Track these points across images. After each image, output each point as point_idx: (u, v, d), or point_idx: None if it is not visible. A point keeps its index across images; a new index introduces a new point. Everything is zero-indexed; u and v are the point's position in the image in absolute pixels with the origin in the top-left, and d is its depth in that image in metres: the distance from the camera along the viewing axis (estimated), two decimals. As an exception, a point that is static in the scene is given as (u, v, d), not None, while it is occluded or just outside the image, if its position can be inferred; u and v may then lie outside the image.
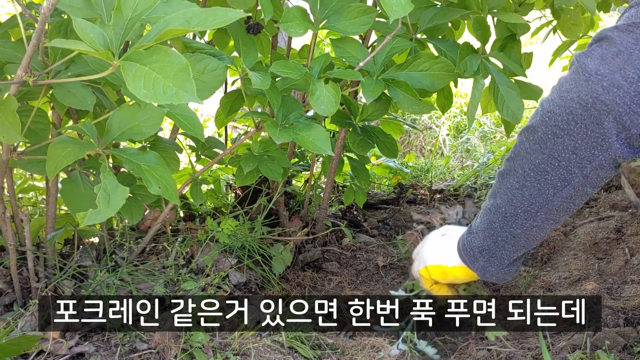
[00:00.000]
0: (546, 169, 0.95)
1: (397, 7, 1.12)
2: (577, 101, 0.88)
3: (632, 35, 0.83)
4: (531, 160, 0.96)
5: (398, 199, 2.24)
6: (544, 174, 0.96)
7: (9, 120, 0.91)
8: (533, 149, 0.96)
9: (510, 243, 1.06)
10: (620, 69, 0.83)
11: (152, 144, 1.35)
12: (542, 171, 0.96)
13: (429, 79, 1.31)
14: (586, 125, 0.88)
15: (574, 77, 0.89)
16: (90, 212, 0.91)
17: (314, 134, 1.16)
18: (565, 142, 0.91)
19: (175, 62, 0.75)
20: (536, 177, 0.97)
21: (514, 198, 1.01)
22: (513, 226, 1.03)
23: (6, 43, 1.08)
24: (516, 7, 1.49)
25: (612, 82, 0.84)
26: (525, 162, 0.98)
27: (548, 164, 0.95)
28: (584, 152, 0.91)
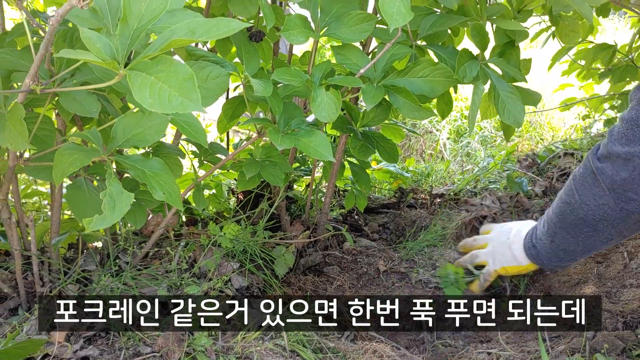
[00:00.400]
0: (594, 235, 1.32)
1: (397, 15, 1.13)
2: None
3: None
4: (580, 229, 1.33)
5: (399, 203, 2.25)
6: (593, 237, 1.32)
7: (17, 128, 0.92)
8: (580, 222, 1.32)
9: (575, 259, 1.43)
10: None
11: (155, 149, 1.36)
12: (590, 236, 1.32)
13: (428, 85, 1.33)
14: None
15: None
16: (96, 218, 0.92)
17: (315, 140, 1.18)
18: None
19: (180, 72, 0.76)
20: (586, 239, 1.34)
21: (571, 245, 1.37)
22: (575, 255, 1.40)
23: (13, 51, 1.09)
24: (515, 13, 1.50)
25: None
26: (575, 227, 1.34)
27: (595, 234, 1.31)
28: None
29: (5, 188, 1.16)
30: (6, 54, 1.07)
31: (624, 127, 1.18)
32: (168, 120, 1.03)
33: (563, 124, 4.36)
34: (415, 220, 2.07)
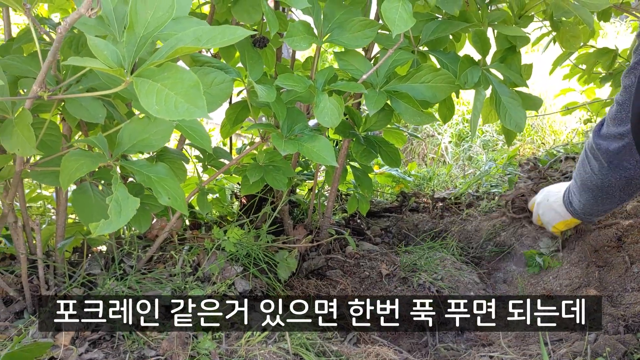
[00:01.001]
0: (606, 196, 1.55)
1: (399, 22, 1.15)
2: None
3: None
4: (594, 191, 1.56)
5: (401, 207, 2.26)
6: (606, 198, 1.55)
7: (24, 133, 0.94)
8: (594, 187, 1.55)
9: (605, 212, 1.68)
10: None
11: (159, 154, 1.38)
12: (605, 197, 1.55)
13: (430, 91, 1.34)
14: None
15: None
16: (102, 222, 0.93)
17: (318, 145, 1.19)
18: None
19: (186, 79, 0.77)
20: (602, 200, 1.56)
21: (594, 205, 1.61)
22: (601, 212, 1.66)
23: (19, 58, 1.11)
24: (516, 19, 1.51)
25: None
26: (591, 190, 1.56)
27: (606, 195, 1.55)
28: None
29: (12, 193, 1.17)
30: (13, 61, 1.09)
31: (616, 110, 1.38)
32: (173, 126, 1.04)
33: (565, 127, 4.37)
34: (418, 224, 2.08)
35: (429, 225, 2.07)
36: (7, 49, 1.22)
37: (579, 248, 1.80)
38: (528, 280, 1.78)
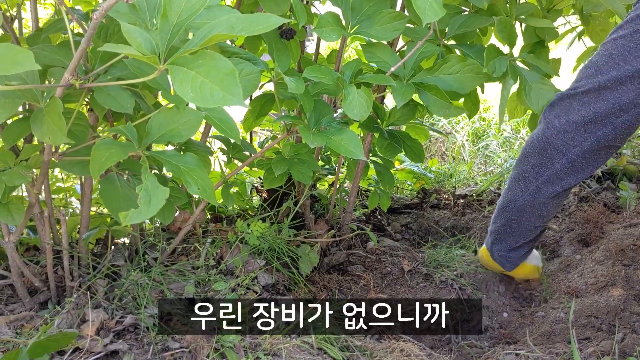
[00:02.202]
0: (519, 177, 1.45)
1: (429, 11, 1.13)
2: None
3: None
4: (514, 172, 1.47)
5: (421, 203, 2.24)
6: (516, 180, 1.46)
7: (55, 122, 0.93)
8: (517, 164, 1.46)
9: (510, 230, 1.53)
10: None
11: (184, 146, 1.37)
12: (514, 179, 1.47)
13: (458, 82, 1.32)
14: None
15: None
16: (132, 212, 0.93)
17: (346, 138, 1.18)
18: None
19: (221, 67, 0.77)
20: (514, 184, 1.47)
21: (504, 197, 1.52)
22: (500, 218, 1.53)
23: (49, 47, 1.11)
24: (545, 13, 1.49)
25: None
26: (513, 172, 1.49)
27: (520, 177, 1.45)
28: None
29: (40, 182, 1.17)
30: (43, 50, 1.08)
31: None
32: (202, 117, 1.03)
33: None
34: (439, 220, 2.06)
35: (450, 222, 2.05)
36: (36, 38, 1.22)
37: (604, 247, 1.78)
38: (552, 278, 1.75)
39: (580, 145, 1.32)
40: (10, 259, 1.29)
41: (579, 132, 1.31)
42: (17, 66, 0.70)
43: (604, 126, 1.29)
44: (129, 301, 1.32)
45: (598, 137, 1.30)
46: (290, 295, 1.47)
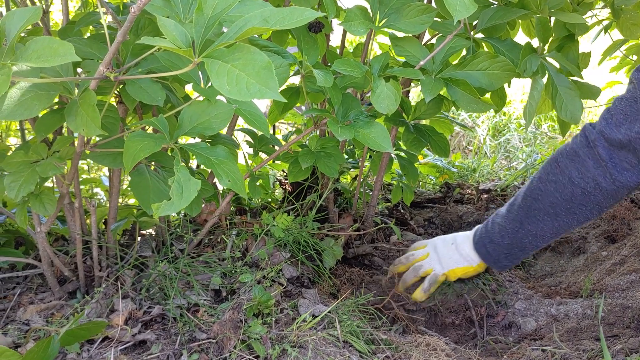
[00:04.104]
0: (575, 212, 1.32)
1: (460, 7, 1.13)
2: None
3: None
4: (563, 205, 1.32)
5: (444, 198, 2.24)
6: (573, 215, 1.32)
7: (89, 114, 0.94)
8: (564, 199, 1.31)
9: (532, 250, 1.44)
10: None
11: (211, 139, 1.38)
12: (571, 214, 1.32)
13: (487, 78, 1.31)
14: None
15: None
16: (164, 204, 0.94)
17: (374, 132, 1.18)
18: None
19: (257, 60, 0.77)
20: (567, 217, 1.33)
21: (546, 227, 1.36)
22: (539, 242, 1.40)
23: (81, 40, 1.12)
24: (574, 7, 1.47)
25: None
26: (556, 206, 1.33)
27: (577, 210, 1.32)
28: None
29: (71, 174, 1.19)
30: (76, 43, 1.09)
31: (623, 105, 1.20)
32: (233, 110, 1.04)
33: (607, 121, 4.25)
34: (462, 215, 2.05)
35: (473, 216, 2.04)
36: (67, 32, 1.23)
37: (631, 243, 1.76)
38: (577, 275, 1.74)
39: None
40: (40, 248, 1.31)
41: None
42: (58, 58, 0.71)
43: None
44: (156, 292, 1.34)
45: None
46: (314, 288, 1.47)
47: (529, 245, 1.41)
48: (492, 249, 1.44)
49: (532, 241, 1.40)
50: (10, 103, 0.92)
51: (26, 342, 1.18)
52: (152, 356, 1.17)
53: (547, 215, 1.35)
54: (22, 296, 1.38)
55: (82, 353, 1.16)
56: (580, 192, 1.29)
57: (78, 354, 1.15)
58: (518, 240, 1.40)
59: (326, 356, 1.18)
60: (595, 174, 1.26)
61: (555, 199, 1.32)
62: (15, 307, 1.34)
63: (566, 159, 1.30)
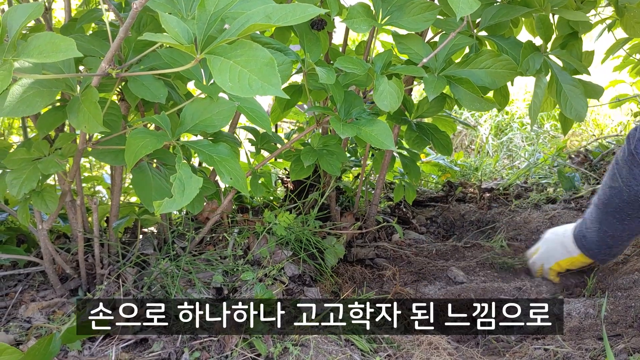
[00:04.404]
0: (638, 216, 1.37)
1: (463, 4, 1.12)
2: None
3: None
4: (625, 211, 1.38)
5: (447, 196, 2.23)
6: (637, 218, 1.38)
7: (91, 110, 0.94)
8: (625, 205, 1.36)
9: (623, 245, 1.50)
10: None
11: (213, 136, 1.38)
12: (635, 217, 1.38)
13: (490, 77, 1.31)
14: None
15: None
16: (166, 201, 0.94)
17: (377, 129, 1.17)
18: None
19: (259, 56, 0.77)
20: (631, 221, 1.39)
21: (617, 229, 1.43)
22: (620, 240, 1.46)
23: (83, 37, 1.12)
24: (578, 4, 1.47)
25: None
26: (621, 211, 1.38)
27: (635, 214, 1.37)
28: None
29: (73, 171, 1.19)
30: (78, 40, 1.09)
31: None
32: (235, 107, 1.03)
33: (610, 121, 4.25)
34: (464, 214, 2.05)
35: (475, 215, 2.03)
36: (69, 29, 1.23)
37: (634, 242, 1.75)
38: (582, 275, 1.73)
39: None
40: (42, 246, 1.31)
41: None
42: (60, 54, 0.71)
43: None
44: (157, 289, 1.34)
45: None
46: (316, 286, 1.47)
47: (612, 243, 1.47)
48: (587, 243, 1.51)
49: (612, 240, 1.47)
50: (12, 100, 0.92)
51: (28, 340, 1.18)
52: (154, 354, 1.17)
53: (615, 219, 1.41)
54: (24, 294, 1.38)
55: (83, 351, 1.15)
56: (634, 198, 1.33)
57: (79, 352, 1.15)
58: (602, 238, 1.47)
59: (328, 354, 1.17)
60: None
61: (616, 204, 1.38)
62: (17, 305, 1.34)
63: (620, 165, 1.35)
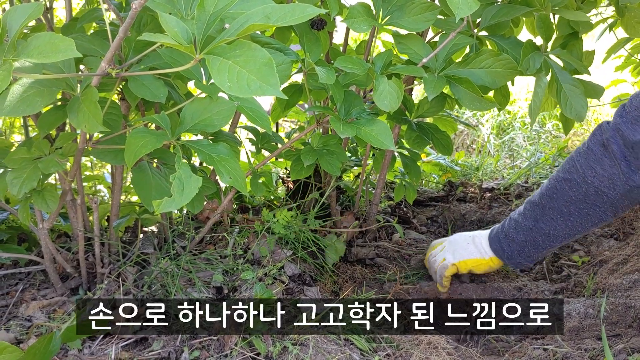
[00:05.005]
0: (589, 212, 1.31)
1: (463, 5, 1.12)
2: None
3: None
4: (575, 205, 1.31)
5: (447, 196, 2.23)
6: (586, 215, 1.32)
7: (91, 110, 0.94)
8: (577, 198, 1.30)
9: (547, 250, 1.42)
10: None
11: (213, 136, 1.38)
12: (584, 214, 1.31)
13: (490, 76, 1.31)
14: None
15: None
16: (165, 201, 0.94)
17: (376, 129, 1.18)
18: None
19: (258, 57, 0.77)
20: (580, 217, 1.32)
21: (558, 227, 1.36)
22: (553, 241, 1.39)
23: (84, 37, 1.12)
24: (579, 4, 1.47)
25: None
26: (569, 205, 1.32)
27: (590, 211, 1.31)
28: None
29: (73, 170, 1.19)
30: (78, 39, 1.09)
31: (638, 102, 1.18)
32: (235, 107, 1.04)
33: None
34: (465, 214, 2.05)
35: (476, 215, 2.03)
36: (70, 28, 1.23)
37: (634, 242, 1.75)
38: (580, 275, 1.73)
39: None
40: (43, 245, 1.32)
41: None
42: (59, 54, 0.71)
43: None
44: (158, 289, 1.34)
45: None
46: (316, 286, 1.47)
47: (542, 244, 1.39)
48: (506, 244, 1.43)
49: (545, 240, 1.38)
50: (13, 99, 0.92)
51: (28, 338, 1.19)
52: (154, 353, 1.17)
53: (560, 214, 1.34)
54: (25, 292, 1.39)
55: (83, 349, 1.16)
56: (593, 192, 1.27)
57: (79, 350, 1.15)
58: (532, 238, 1.39)
59: (327, 354, 1.18)
60: (610, 172, 1.24)
61: (569, 197, 1.31)
62: (18, 303, 1.34)
63: (582, 157, 1.29)
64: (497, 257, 1.46)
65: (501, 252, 1.45)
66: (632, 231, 1.84)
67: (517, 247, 1.42)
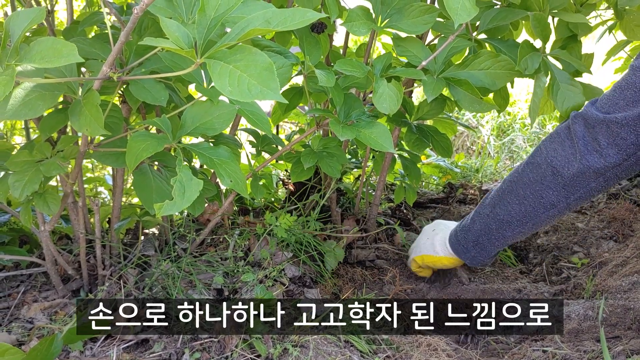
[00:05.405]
0: (542, 194, 1.30)
1: (461, 11, 1.13)
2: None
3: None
4: (531, 187, 1.31)
5: (447, 198, 2.24)
6: (539, 198, 1.31)
7: (92, 113, 0.95)
8: (534, 180, 1.30)
9: (500, 241, 1.40)
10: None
11: (214, 139, 1.39)
12: (538, 197, 1.31)
13: (489, 78, 1.32)
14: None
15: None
16: (166, 204, 0.95)
17: (376, 132, 1.18)
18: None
19: (259, 61, 0.77)
20: (533, 200, 1.31)
21: (512, 211, 1.35)
22: (506, 230, 1.37)
23: (85, 40, 1.13)
24: (577, 7, 1.47)
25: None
26: (526, 187, 1.32)
27: (544, 192, 1.30)
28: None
29: (75, 173, 1.20)
30: (79, 43, 1.10)
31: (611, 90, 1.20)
32: (235, 110, 1.04)
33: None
34: (465, 215, 2.05)
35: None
36: (72, 31, 1.24)
37: (633, 244, 1.76)
38: (579, 276, 1.74)
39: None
40: (44, 247, 1.32)
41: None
42: (62, 59, 0.72)
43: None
44: (159, 290, 1.35)
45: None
46: (316, 288, 1.47)
47: (495, 231, 1.38)
48: (461, 237, 1.44)
49: (498, 227, 1.37)
50: (15, 103, 0.93)
51: (30, 340, 1.19)
52: (155, 355, 1.18)
53: (517, 197, 1.33)
54: (26, 294, 1.39)
55: (85, 351, 1.16)
56: (550, 172, 1.27)
57: (81, 352, 1.16)
58: (486, 225, 1.39)
59: (327, 355, 1.18)
60: (568, 152, 1.25)
61: (528, 179, 1.31)
62: (19, 305, 1.35)
63: (547, 140, 1.31)
64: (453, 250, 1.47)
65: (457, 246, 1.46)
66: (631, 233, 1.85)
67: (473, 237, 1.42)
